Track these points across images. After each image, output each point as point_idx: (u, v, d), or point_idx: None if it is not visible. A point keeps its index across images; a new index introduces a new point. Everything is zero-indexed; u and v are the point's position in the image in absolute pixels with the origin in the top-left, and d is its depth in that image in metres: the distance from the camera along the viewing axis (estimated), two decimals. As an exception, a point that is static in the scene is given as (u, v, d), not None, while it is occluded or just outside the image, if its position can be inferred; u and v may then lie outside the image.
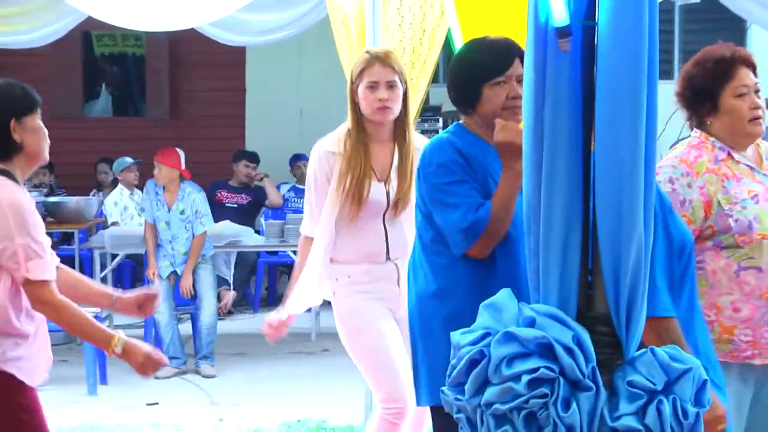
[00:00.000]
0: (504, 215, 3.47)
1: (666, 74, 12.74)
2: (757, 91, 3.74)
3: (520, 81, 3.52)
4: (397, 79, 4.48)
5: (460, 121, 3.73)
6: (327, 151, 4.55)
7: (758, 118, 3.72)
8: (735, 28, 12.20)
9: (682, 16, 12.95)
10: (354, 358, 4.59)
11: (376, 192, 4.50)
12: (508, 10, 5.21)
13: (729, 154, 3.73)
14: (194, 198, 8.60)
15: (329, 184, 4.51)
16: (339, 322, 4.60)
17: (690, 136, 3.85)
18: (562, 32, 2.54)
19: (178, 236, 8.56)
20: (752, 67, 3.76)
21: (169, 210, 8.56)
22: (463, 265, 3.56)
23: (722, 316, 3.63)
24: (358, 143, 4.48)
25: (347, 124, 4.58)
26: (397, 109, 4.50)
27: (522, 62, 3.28)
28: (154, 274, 8.51)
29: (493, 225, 3.49)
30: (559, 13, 2.53)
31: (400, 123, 4.55)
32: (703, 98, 3.76)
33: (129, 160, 11.06)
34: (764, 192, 3.69)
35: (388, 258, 4.54)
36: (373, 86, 4.45)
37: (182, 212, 8.56)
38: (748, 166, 3.74)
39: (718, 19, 11.22)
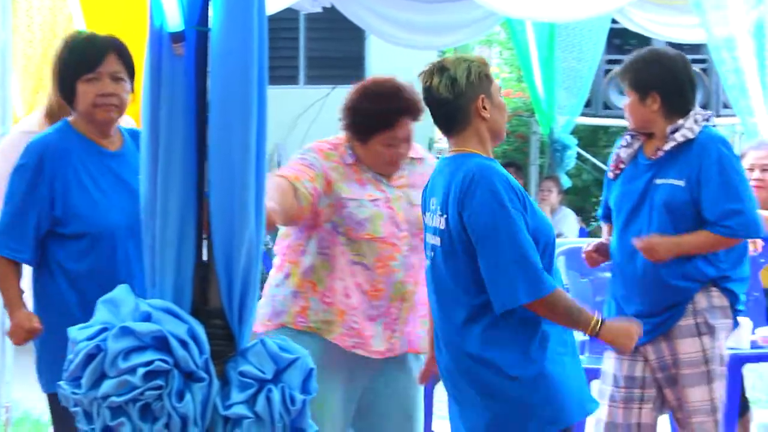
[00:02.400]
0: None
1: (291, 80, 13.13)
2: (408, 140, 3.95)
3: (114, 78, 3.65)
4: None
5: (68, 118, 3.78)
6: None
7: (396, 162, 3.94)
8: (356, 36, 12.74)
9: (306, 24, 13.36)
10: None
11: None
12: (134, 14, 5.26)
13: (356, 162, 3.94)
14: None
15: None
16: None
17: None
18: (176, 37, 2.67)
19: None
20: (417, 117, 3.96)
21: None
22: None
23: (336, 299, 3.87)
24: None
25: None
26: None
27: (122, 59, 3.41)
28: None
29: None
30: (173, 19, 2.65)
31: None
32: (357, 134, 3.93)
33: None
34: (385, 199, 3.92)
35: None
36: None
37: None
38: (373, 176, 3.95)
39: (340, 28, 11.67)
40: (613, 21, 9.87)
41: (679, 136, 4.05)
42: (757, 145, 5.92)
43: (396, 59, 12.61)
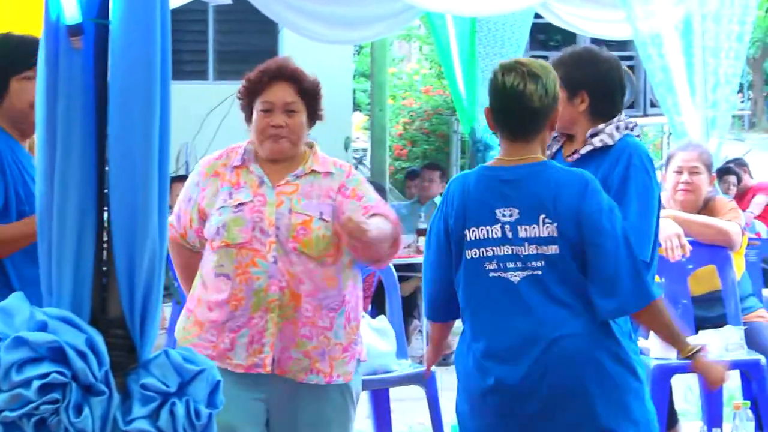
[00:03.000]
0: None
1: (200, 75, 13.07)
2: (290, 111, 3.97)
3: None
4: None
5: None
6: None
7: (277, 136, 3.95)
8: (269, 30, 12.72)
9: (216, 17, 13.31)
10: None
11: None
12: (29, 5, 5.21)
13: (244, 163, 3.96)
14: None
15: None
16: None
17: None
18: (74, 30, 2.65)
19: None
20: (296, 84, 3.97)
21: None
22: None
23: (197, 311, 3.91)
24: None
25: None
26: None
27: None
28: None
29: None
30: (70, 10, 2.63)
31: None
32: (245, 111, 4.02)
33: None
34: (257, 203, 3.90)
35: None
36: None
37: None
38: (259, 177, 3.95)
39: (252, 21, 11.66)
40: (537, 16, 9.98)
41: (597, 141, 4.09)
42: (686, 146, 6.00)
43: (311, 54, 12.63)
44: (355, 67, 18.56)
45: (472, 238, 3.68)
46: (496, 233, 3.66)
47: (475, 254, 3.68)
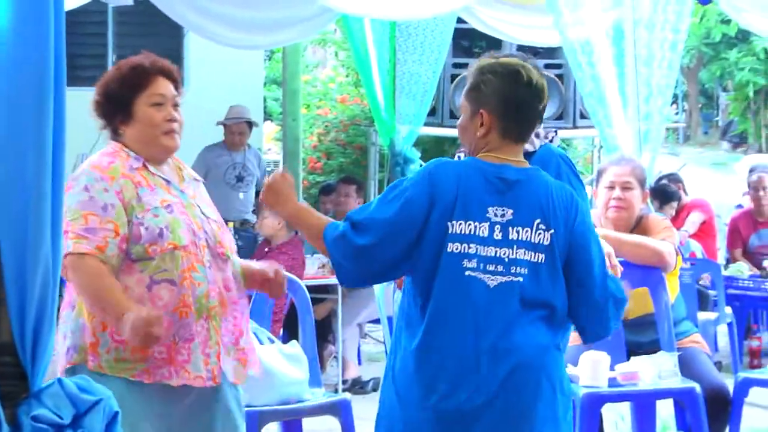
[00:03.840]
0: None
1: (97, 80, 12.94)
2: (176, 105, 4.02)
3: None
4: None
5: None
6: None
7: (172, 131, 3.97)
8: (173, 33, 12.65)
9: (116, 19, 13.21)
10: None
11: None
12: None
13: (144, 165, 3.98)
14: None
15: None
16: None
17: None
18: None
19: None
20: (173, 81, 4.06)
21: None
22: None
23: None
24: None
25: None
26: None
27: None
28: None
29: None
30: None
31: None
32: (117, 106, 3.98)
33: None
34: (179, 204, 3.95)
35: None
36: None
37: None
38: (163, 179, 3.99)
39: (155, 23, 11.59)
40: (460, 20, 10.05)
41: None
42: (618, 160, 6.06)
43: (218, 59, 12.64)
44: (266, 73, 18.54)
45: (457, 231, 3.68)
46: (483, 231, 3.68)
47: (456, 249, 3.68)
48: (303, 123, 13.12)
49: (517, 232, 3.69)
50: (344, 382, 8.59)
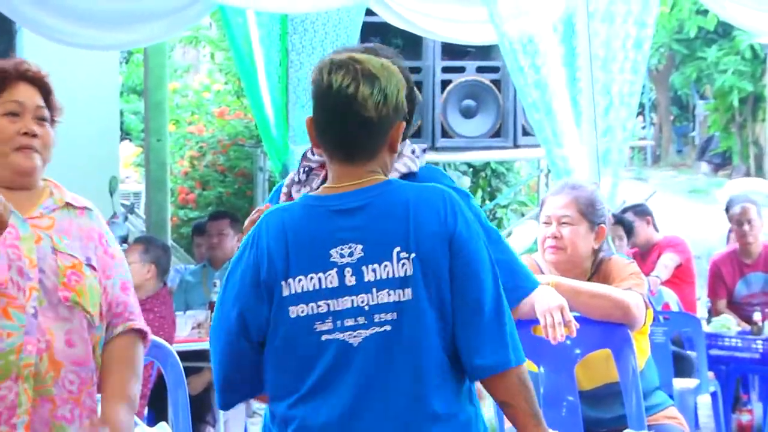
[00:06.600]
0: None
1: None
2: (41, 118, 4.06)
3: None
4: None
5: None
6: None
7: (28, 147, 4.00)
8: (3, 29, 12.59)
9: (-73, 10, 13.15)
10: None
11: None
12: None
13: None
14: None
15: None
16: None
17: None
18: None
19: None
20: (43, 91, 4.09)
21: None
22: None
23: None
24: None
25: None
26: None
27: None
28: None
29: None
30: None
31: None
32: None
33: None
34: (11, 235, 3.92)
35: None
36: None
37: None
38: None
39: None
40: (370, 13, 10.07)
41: (401, 166, 4.15)
42: (559, 189, 5.99)
43: (60, 62, 12.50)
44: (123, 80, 18.50)
45: (297, 291, 3.66)
46: (331, 281, 3.65)
47: (302, 312, 3.65)
48: (171, 143, 13.09)
49: (374, 271, 3.66)
50: (227, 475, 8.59)
